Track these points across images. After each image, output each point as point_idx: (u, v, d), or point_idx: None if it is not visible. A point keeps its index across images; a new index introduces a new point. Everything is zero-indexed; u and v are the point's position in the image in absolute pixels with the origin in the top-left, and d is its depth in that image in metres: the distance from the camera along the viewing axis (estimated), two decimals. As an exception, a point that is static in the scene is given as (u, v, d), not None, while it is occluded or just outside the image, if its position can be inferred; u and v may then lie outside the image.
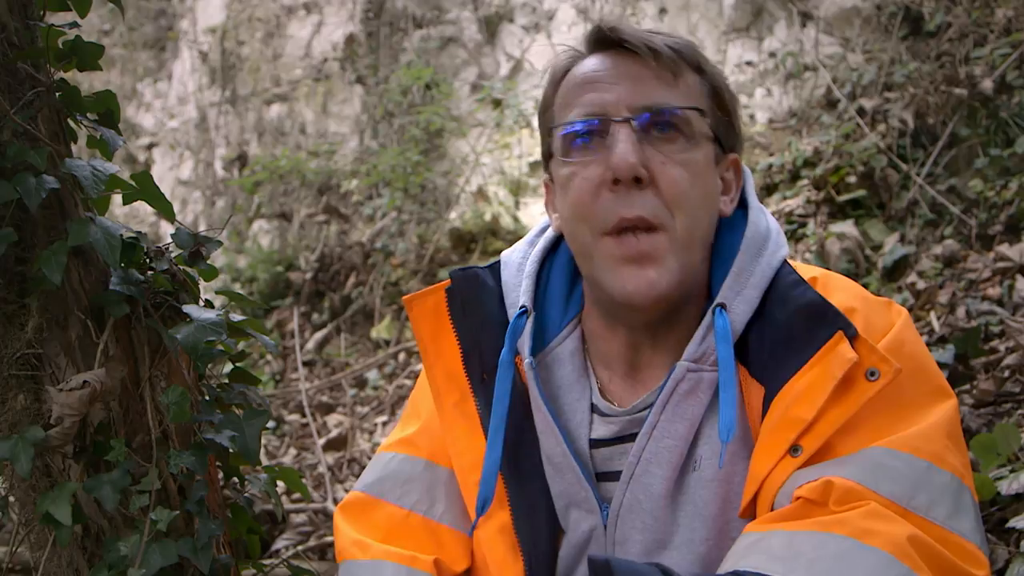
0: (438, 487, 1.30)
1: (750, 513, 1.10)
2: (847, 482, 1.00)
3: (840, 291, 1.14)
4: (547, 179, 1.28)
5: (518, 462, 1.24)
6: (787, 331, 1.10)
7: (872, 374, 1.03)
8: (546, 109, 1.25)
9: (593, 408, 1.23)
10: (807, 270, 1.19)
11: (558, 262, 1.31)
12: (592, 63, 1.19)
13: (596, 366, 1.26)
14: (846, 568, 0.95)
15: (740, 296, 1.15)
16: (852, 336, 1.05)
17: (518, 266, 1.31)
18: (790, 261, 1.20)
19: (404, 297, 1.32)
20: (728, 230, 1.21)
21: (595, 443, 1.22)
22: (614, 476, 1.19)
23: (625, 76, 1.15)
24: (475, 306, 1.29)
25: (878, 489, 0.99)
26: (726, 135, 1.21)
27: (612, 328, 1.22)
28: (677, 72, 1.15)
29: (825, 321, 1.07)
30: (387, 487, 1.33)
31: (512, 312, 1.26)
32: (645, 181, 1.12)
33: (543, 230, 1.35)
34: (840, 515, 0.98)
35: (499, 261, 1.33)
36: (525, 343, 1.24)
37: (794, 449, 1.04)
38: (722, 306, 1.14)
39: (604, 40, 1.18)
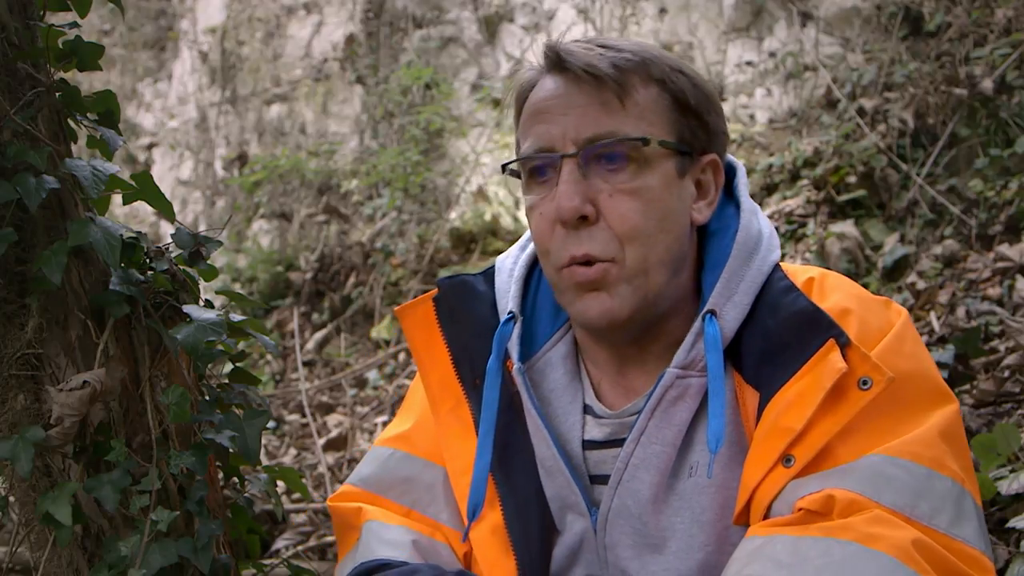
0: (436, 486, 1.31)
1: (744, 520, 1.09)
2: (849, 494, 0.99)
3: (836, 291, 1.13)
4: None
5: (511, 464, 1.24)
6: (778, 339, 1.09)
7: (864, 383, 1.01)
8: (516, 127, 1.23)
9: (587, 409, 1.23)
10: (804, 270, 1.18)
11: None
12: (546, 88, 1.16)
13: (590, 369, 1.26)
14: (852, 573, 0.94)
15: (731, 302, 1.13)
16: (844, 344, 1.03)
17: (509, 271, 1.31)
18: (785, 263, 1.18)
19: (396, 309, 1.33)
20: (719, 233, 1.20)
21: (589, 444, 1.22)
22: (607, 480, 1.19)
23: (573, 105, 1.12)
24: (463, 313, 1.29)
25: (880, 500, 0.98)
26: (695, 139, 1.17)
27: (597, 341, 1.22)
28: (624, 94, 1.11)
29: (817, 329, 1.06)
30: (386, 485, 1.33)
31: (504, 318, 1.27)
32: (592, 218, 1.11)
33: None
34: (844, 521, 0.98)
35: (494, 266, 1.34)
36: (514, 349, 1.24)
37: (786, 459, 1.03)
38: (712, 312, 1.12)
39: (553, 62, 1.15)
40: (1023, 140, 3.52)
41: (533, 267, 1.32)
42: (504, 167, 1.23)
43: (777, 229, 4.00)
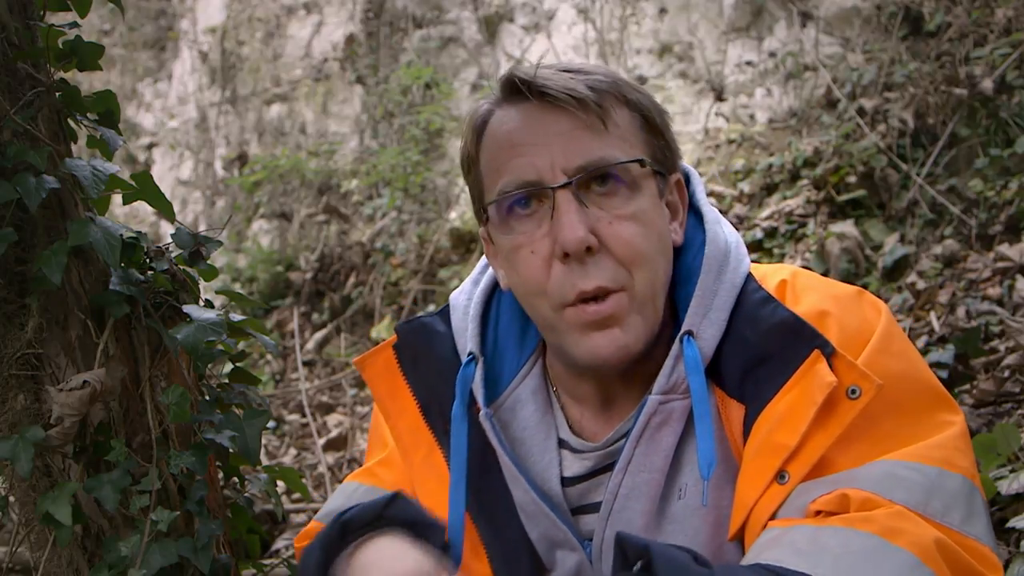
0: None
1: (740, 537, 1.07)
2: (862, 492, 0.97)
3: (809, 292, 1.10)
4: (485, 234, 1.20)
5: (491, 509, 1.20)
6: (761, 351, 1.06)
7: (853, 392, 0.99)
8: (471, 167, 1.17)
9: (562, 444, 1.20)
10: (774, 273, 1.15)
11: (506, 300, 1.25)
12: (514, 119, 1.11)
13: (565, 402, 1.22)
14: (872, 566, 0.92)
15: (707, 319, 1.10)
16: (829, 354, 1.01)
17: (464, 309, 1.26)
18: (752, 265, 1.16)
19: (354, 360, 1.28)
20: (685, 246, 1.17)
21: (568, 481, 1.18)
22: (593, 508, 1.16)
23: (553, 133, 1.08)
24: (426, 357, 1.24)
25: (892, 498, 0.97)
26: (666, 159, 1.15)
27: (579, 376, 1.18)
28: (605, 116, 1.08)
29: (800, 339, 1.03)
30: None
31: (464, 359, 1.21)
32: (595, 248, 1.07)
33: (487, 265, 1.28)
34: (866, 513, 0.96)
35: (448, 304, 1.29)
36: (479, 391, 1.19)
37: (780, 476, 1.01)
38: (690, 334, 1.09)
39: (522, 90, 1.10)
40: (1023, 140, 3.52)
41: (489, 302, 1.26)
42: (483, 209, 1.15)
43: (777, 229, 4.01)
